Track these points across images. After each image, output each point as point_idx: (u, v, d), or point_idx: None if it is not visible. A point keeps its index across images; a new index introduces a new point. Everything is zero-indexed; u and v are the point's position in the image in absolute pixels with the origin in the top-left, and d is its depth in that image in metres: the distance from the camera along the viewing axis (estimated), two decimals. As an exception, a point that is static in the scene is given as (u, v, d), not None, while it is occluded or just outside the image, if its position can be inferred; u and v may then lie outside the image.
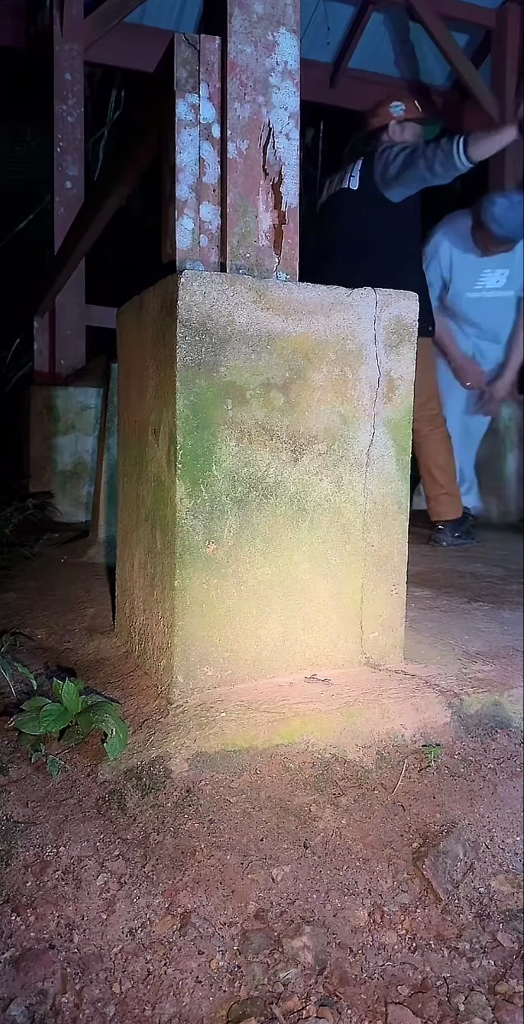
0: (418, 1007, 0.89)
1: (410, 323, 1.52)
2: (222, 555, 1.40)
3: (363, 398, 1.49)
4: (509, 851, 1.14)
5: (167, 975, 0.92)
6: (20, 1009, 0.87)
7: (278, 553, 1.44)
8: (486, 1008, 0.89)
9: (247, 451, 1.40)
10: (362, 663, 1.53)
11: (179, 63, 1.48)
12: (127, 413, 1.68)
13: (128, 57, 4.55)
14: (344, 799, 1.22)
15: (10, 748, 1.34)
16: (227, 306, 1.37)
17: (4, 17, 4.47)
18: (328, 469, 1.47)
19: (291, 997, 0.89)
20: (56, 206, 4.04)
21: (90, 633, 1.84)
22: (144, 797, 1.20)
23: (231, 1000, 0.89)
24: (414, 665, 1.57)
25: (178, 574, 1.37)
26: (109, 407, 2.79)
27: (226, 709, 1.33)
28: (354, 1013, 0.88)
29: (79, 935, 0.97)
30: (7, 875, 1.05)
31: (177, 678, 1.39)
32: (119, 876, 1.05)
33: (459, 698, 1.44)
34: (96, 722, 1.28)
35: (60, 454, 3.79)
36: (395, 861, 1.11)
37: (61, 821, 1.15)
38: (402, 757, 1.32)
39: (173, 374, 1.36)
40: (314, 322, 1.43)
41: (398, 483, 1.53)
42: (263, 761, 1.27)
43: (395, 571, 1.55)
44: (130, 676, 1.56)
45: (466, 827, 1.17)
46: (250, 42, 1.48)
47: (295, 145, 1.53)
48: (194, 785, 1.22)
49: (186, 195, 1.50)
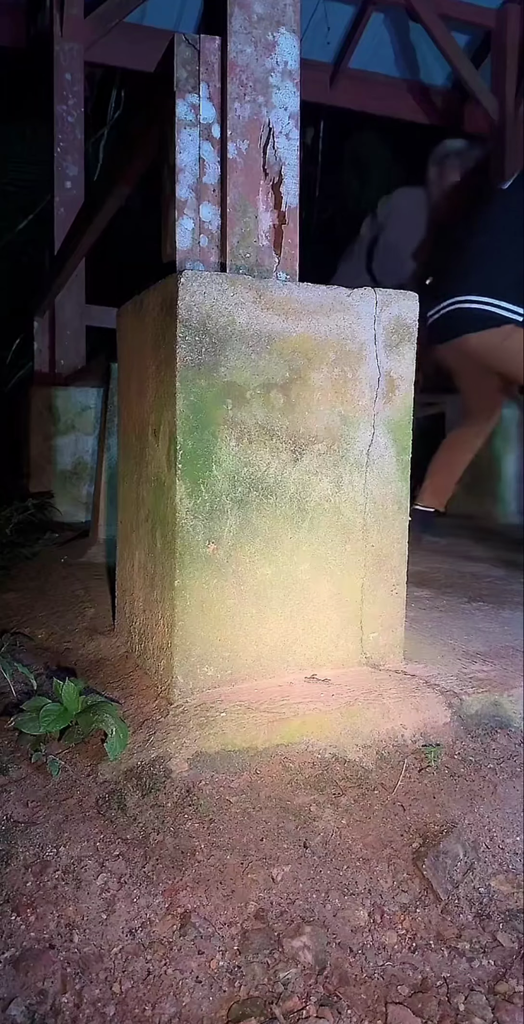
0: (418, 1007, 0.89)
1: (410, 323, 1.52)
2: (222, 555, 1.40)
3: (363, 398, 1.49)
4: (509, 851, 1.14)
5: (167, 975, 0.92)
6: (20, 1009, 0.87)
7: (278, 553, 1.44)
8: (486, 1008, 0.89)
9: (247, 451, 1.40)
10: (362, 663, 1.53)
11: (179, 63, 1.48)
12: (127, 413, 1.68)
13: (128, 57, 4.55)
14: (344, 799, 1.22)
15: (10, 748, 1.34)
16: (227, 306, 1.37)
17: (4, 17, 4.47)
18: (328, 469, 1.47)
19: (291, 997, 0.89)
20: (56, 206, 4.04)
21: (90, 633, 1.84)
22: (144, 797, 1.20)
23: (231, 1000, 0.89)
24: (414, 665, 1.57)
25: (178, 574, 1.37)
26: (109, 407, 2.78)
27: (226, 709, 1.33)
28: (354, 1013, 0.88)
29: (79, 935, 0.97)
30: (7, 875, 1.05)
31: (177, 678, 1.39)
32: (119, 876, 1.05)
33: (459, 698, 1.44)
34: (96, 722, 1.28)
35: (60, 454, 3.79)
36: (395, 861, 1.11)
37: (61, 821, 1.16)
38: (402, 757, 1.32)
39: (173, 374, 1.36)
40: (314, 322, 1.43)
41: (398, 483, 1.53)
42: (263, 761, 1.27)
43: (395, 571, 1.55)
44: (130, 676, 1.56)
45: (466, 827, 1.17)
46: (250, 42, 1.48)
47: (295, 145, 1.53)
48: (194, 785, 1.22)
49: (186, 195, 1.50)
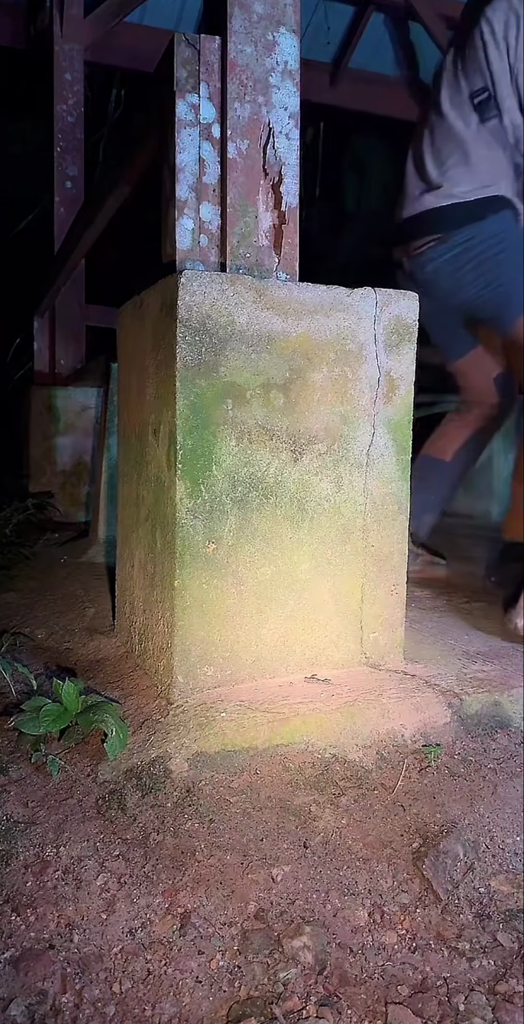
0: (418, 1007, 0.89)
1: (410, 323, 1.52)
2: (222, 555, 1.40)
3: (363, 398, 1.49)
4: (509, 851, 1.14)
5: (167, 975, 0.92)
6: (20, 1009, 0.87)
7: (278, 553, 1.44)
8: (486, 1008, 0.89)
9: (247, 451, 1.40)
10: (362, 663, 1.53)
11: (179, 63, 1.48)
12: (127, 413, 1.68)
13: (128, 57, 4.55)
14: (344, 799, 1.22)
15: (10, 748, 1.34)
16: (227, 306, 1.37)
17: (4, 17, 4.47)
18: (328, 469, 1.47)
19: (291, 997, 0.89)
20: (56, 206, 4.04)
21: (90, 633, 1.84)
22: (144, 797, 1.20)
23: (231, 1000, 0.89)
24: (414, 665, 1.57)
25: (178, 574, 1.37)
26: (109, 407, 2.78)
27: (226, 709, 1.33)
28: (354, 1013, 0.88)
29: (79, 935, 0.97)
30: (7, 875, 1.05)
31: (177, 678, 1.39)
32: (119, 876, 1.05)
33: (459, 698, 1.44)
34: (96, 722, 1.28)
35: (60, 454, 3.79)
36: (395, 861, 1.11)
37: (61, 821, 1.15)
38: (402, 757, 1.32)
39: (173, 374, 1.35)
40: (314, 322, 1.43)
41: (398, 483, 1.53)
42: (263, 761, 1.27)
43: (395, 571, 1.55)
44: (130, 676, 1.56)
45: (466, 827, 1.17)
46: (250, 42, 1.48)
47: (295, 145, 1.53)
48: (194, 785, 1.22)
49: (186, 195, 1.50)
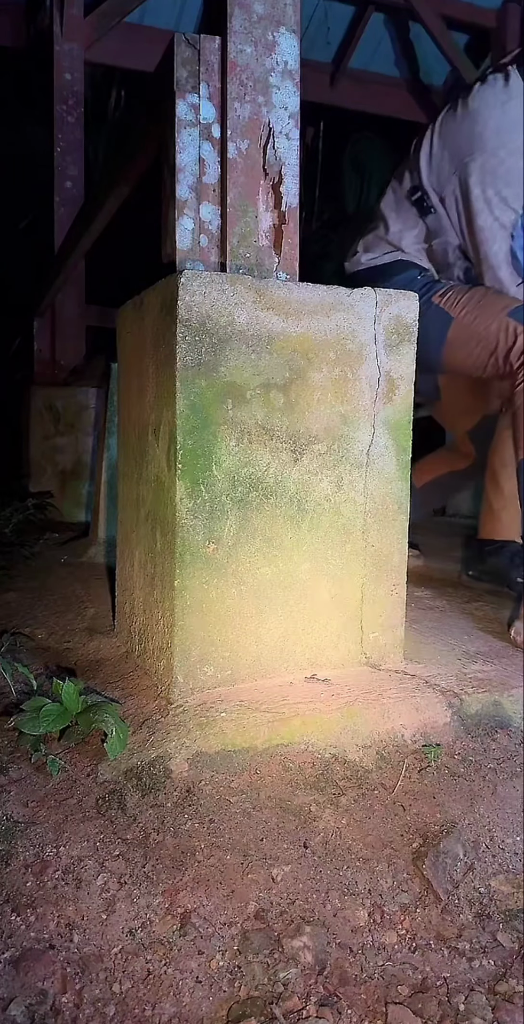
0: (418, 1007, 0.89)
1: (410, 323, 1.52)
2: (222, 555, 1.40)
3: (363, 398, 1.49)
4: (509, 851, 1.14)
5: (167, 975, 0.92)
6: (20, 1009, 0.87)
7: (278, 553, 1.44)
8: (486, 1008, 0.89)
9: (247, 451, 1.40)
10: (362, 663, 1.53)
11: (179, 63, 1.48)
12: (127, 413, 1.68)
13: (128, 57, 4.54)
14: (344, 799, 1.22)
15: (10, 748, 1.34)
16: (227, 306, 1.37)
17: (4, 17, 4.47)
18: (328, 469, 1.47)
19: (291, 997, 0.89)
20: (56, 206, 4.04)
21: (90, 633, 1.84)
22: (144, 797, 1.20)
23: (231, 1000, 0.89)
24: (414, 665, 1.57)
25: (178, 574, 1.37)
26: (109, 407, 2.78)
27: (226, 709, 1.33)
28: (354, 1013, 0.88)
29: (79, 935, 0.97)
30: (7, 875, 1.05)
31: (177, 678, 1.39)
32: (119, 876, 1.05)
33: (459, 698, 1.44)
34: (96, 722, 1.28)
35: (60, 454, 3.79)
36: (395, 861, 1.11)
37: (61, 821, 1.15)
38: (402, 757, 1.32)
39: (173, 374, 1.35)
40: (314, 322, 1.43)
41: (398, 483, 1.53)
42: (263, 761, 1.27)
43: (395, 571, 1.55)
44: (130, 676, 1.56)
45: (466, 827, 1.17)
46: (250, 42, 1.48)
47: (295, 145, 1.53)
48: (194, 785, 1.22)
49: (186, 195, 1.50)
